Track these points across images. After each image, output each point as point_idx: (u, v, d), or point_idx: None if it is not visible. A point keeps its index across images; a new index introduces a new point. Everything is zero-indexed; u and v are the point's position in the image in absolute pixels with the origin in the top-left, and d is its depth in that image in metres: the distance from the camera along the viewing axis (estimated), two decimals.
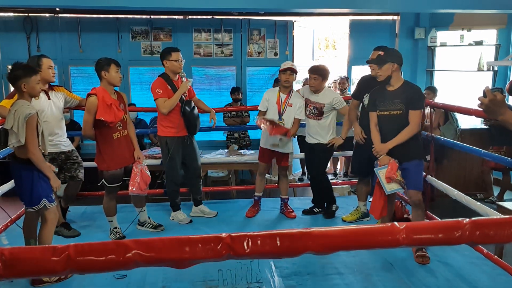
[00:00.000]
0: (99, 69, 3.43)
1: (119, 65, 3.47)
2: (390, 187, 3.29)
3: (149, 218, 3.90)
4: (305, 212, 4.33)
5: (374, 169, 3.41)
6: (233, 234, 1.18)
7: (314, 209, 4.32)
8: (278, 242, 1.19)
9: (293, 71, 4.00)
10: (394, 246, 1.23)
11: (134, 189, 3.55)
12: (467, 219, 1.22)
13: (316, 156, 4.09)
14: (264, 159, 4.21)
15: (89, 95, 3.40)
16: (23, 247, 1.16)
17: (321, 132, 3.99)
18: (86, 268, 1.14)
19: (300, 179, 6.81)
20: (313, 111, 3.98)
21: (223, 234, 1.18)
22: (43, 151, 2.91)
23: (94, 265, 1.12)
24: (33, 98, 2.95)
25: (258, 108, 4.16)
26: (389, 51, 3.35)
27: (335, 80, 6.95)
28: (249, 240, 1.17)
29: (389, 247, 1.26)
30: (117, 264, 1.13)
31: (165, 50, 3.90)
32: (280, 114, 4.01)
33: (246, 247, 1.16)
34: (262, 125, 3.89)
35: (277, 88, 4.14)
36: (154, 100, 3.82)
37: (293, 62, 6.84)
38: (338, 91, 6.74)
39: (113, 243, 1.15)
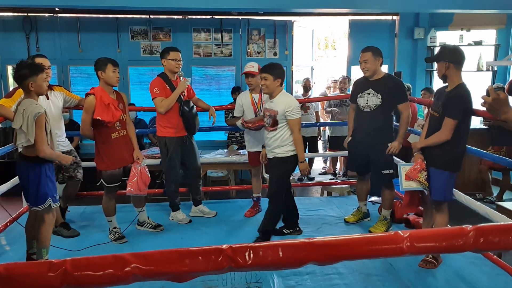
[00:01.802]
0: (96, 69, 3.44)
1: (116, 65, 3.46)
2: (407, 185, 3.24)
3: (148, 218, 3.90)
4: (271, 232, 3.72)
5: (398, 164, 3.43)
6: (234, 246, 1.16)
7: (284, 230, 3.81)
8: (280, 253, 1.17)
9: (253, 75, 3.98)
10: (398, 255, 1.21)
11: (132, 189, 3.54)
12: (471, 226, 1.21)
13: (273, 171, 3.54)
14: (253, 163, 4.25)
15: (87, 94, 3.41)
16: (19, 263, 1.13)
17: (275, 146, 3.48)
18: (84, 284, 1.11)
19: (300, 179, 6.81)
20: (268, 120, 3.47)
21: (224, 246, 1.16)
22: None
23: (91, 280, 1.10)
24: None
25: (234, 114, 4.21)
26: (443, 48, 3.07)
27: (336, 80, 6.95)
28: (251, 251, 1.15)
29: (393, 256, 1.24)
30: (116, 278, 1.11)
31: (164, 49, 3.91)
32: (257, 114, 4.03)
33: (247, 258, 1.15)
34: (250, 125, 3.93)
35: (248, 90, 4.15)
36: (152, 99, 3.81)
37: (292, 62, 6.90)
38: (338, 91, 6.75)
39: (111, 257, 1.13)
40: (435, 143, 3.04)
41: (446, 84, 3.09)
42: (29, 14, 6.24)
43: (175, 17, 6.60)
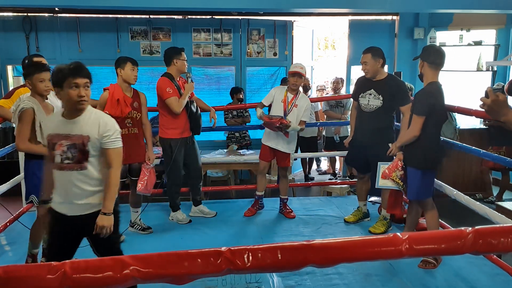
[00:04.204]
0: (116, 67, 3.56)
1: (135, 64, 3.58)
2: (382, 183, 3.35)
3: (139, 220, 3.91)
4: None
5: (378, 162, 3.48)
6: (233, 248, 1.17)
7: None
8: (279, 256, 1.17)
9: (301, 75, 3.98)
10: (397, 257, 1.22)
11: (142, 188, 3.60)
12: (470, 228, 1.21)
13: (94, 237, 2.25)
14: (265, 157, 4.20)
15: (104, 90, 3.56)
16: (18, 265, 1.13)
17: (89, 192, 2.23)
18: (83, 286, 1.11)
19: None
20: (70, 153, 2.17)
21: (223, 248, 1.16)
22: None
23: (90, 282, 1.10)
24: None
25: (262, 101, 4.16)
26: (424, 48, 3.16)
27: (331, 80, 6.97)
28: (249, 254, 1.16)
29: (393, 258, 1.24)
30: (115, 280, 1.11)
31: (175, 50, 3.90)
32: (285, 114, 4.02)
33: (246, 261, 1.15)
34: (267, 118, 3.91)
35: (285, 87, 4.15)
36: (165, 99, 3.78)
37: (292, 62, 6.89)
38: (332, 92, 6.75)
39: (110, 260, 1.13)
40: (407, 141, 3.14)
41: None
42: (29, 14, 6.23)
43: (175, 17, 6.59)
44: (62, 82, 2.17)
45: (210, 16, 6.59)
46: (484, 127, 5.76)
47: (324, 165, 7.95)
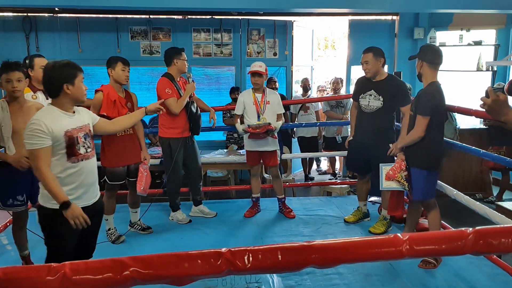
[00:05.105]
0: (107, 67, 3.52)
1: (126, 63, 3.53)
2: (386, 184, 3.32)
3: (139, 220, 3.91)
4: None
5: (379, 164, 3.44)
6: (233, 249, 1.16)
7: None
8: (280, 257, 1.17)
9: (260, 74, 3.99)
10: (398, 258, 1.21)
11: (142, 188, 3.59)
12: (470, 229, 1.21)
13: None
14: (252, 162, 4.24)
15: (96, 91, 3.49)
16: (18, 266, 1.13)
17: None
18: (83, 287, 1.11)
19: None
20: (88, 142, 2.41)
21: (223, 249, 1.16)
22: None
23: (90, 284, 1.10)
24: (31, 97, 3.04)
25: (235, 112, 4.19)
26: (421, 47, 3.16)
27: (330, 81, 6.97)
28: (250, 255, 1.15)
29: (393, 259, 1.24)
30: (115, 282, 1.11)
31: (175, 50, 3.89)
32: (260, 114, 4.04)
33: (246, 262, 1.15)
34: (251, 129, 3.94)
35: (250, 90, 4.15)
36: (164, 100, 3.79)
37: (292, 62, 6.90)
38: (331, 92, 6.75)
39: (110, 261, 1.13)
40: (411, 141, 3.12)
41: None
42: (29, 14, 6.23)
43: (175, 17, 6.59)
44: (74, 78, 2.30)
45: (210, 16, 6.59)
46: (484, 127, 5.76)
47: (324, 165, 7.95)
